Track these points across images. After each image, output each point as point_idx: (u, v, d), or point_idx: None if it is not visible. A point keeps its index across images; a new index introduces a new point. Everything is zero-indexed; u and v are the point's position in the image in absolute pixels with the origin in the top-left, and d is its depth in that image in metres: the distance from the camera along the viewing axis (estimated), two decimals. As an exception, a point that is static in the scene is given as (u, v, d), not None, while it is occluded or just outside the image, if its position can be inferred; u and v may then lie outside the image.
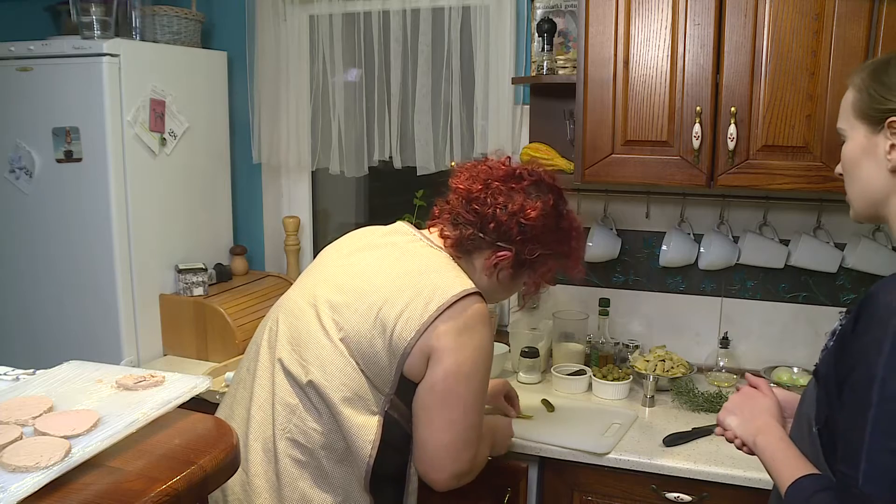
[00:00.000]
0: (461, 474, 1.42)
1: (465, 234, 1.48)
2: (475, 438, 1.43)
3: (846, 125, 1.13)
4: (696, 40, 1.86)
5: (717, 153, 1.89)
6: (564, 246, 1.53)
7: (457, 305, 1.37)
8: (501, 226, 1.46)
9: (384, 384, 1.39)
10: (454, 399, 1.37)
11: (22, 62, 2.28)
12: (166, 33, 2.47)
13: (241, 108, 2.72)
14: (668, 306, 2.32)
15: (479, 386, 1.41)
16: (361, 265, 1.48)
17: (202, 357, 2.41)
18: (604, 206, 2.32)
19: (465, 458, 1.41)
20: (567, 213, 1.55)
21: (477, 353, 1.39)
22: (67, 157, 2.26)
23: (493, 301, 1.58)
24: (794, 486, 1.05)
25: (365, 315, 1.39)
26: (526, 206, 1.46)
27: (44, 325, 2.40)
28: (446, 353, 1.35)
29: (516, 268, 1.50)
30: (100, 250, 2.28)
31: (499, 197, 1.46)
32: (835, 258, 2.09)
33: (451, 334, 1.36)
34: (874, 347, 0.96)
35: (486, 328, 1.42)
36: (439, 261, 1.46)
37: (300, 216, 2.80)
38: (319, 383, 1.38)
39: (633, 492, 1.76)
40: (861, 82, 1.10)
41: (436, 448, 1.39)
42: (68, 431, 0.88)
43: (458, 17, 2.39)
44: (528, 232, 1.46)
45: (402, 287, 1.39)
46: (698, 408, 1.98)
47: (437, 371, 1.36)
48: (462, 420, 1.38)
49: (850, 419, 0.99)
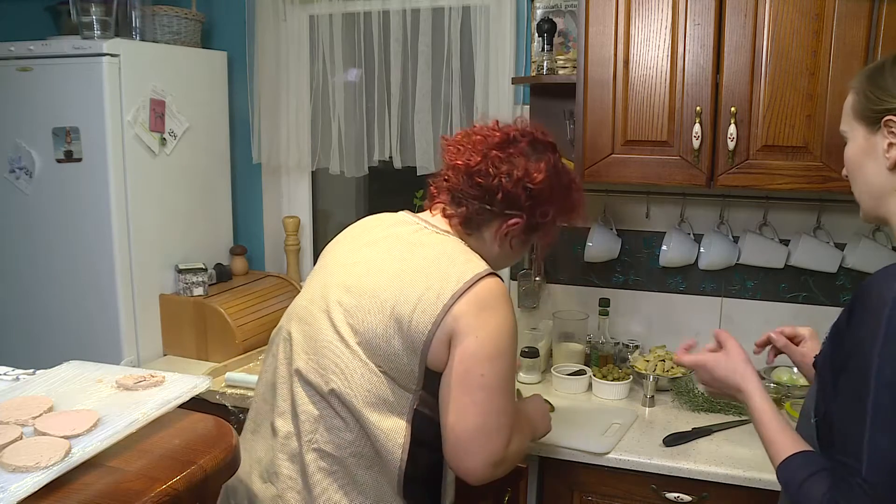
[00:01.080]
0: (495, 462, 1.34)
1: (472, 209, 1.43)
2: (506, 424, 1.34)
3: (847, 127, 1.17)
4: (696, 40, 1.86)
5: (717, 153, 1.89)
6: (568, 200, 1.50)
7: (476, 288, 1.32)
8: (509, 194, 1.41)
9: (409, 382, 1.34)
10: (477, 380, 1.30)
11: (22, 62, 2.28)
12: (166, 33, 2.48)
13: (241, 108, 2.72)
14: (668, 306, 2.32)
15: (504, 367, 1.33)
16: (368, 263, 1.42)
17: (202, 357, 2.41)
18: (604, 206, 2.32)
19: (497, 444, 1.33)
20: (564, 167, 1.52)
21: (499, 332, 1.33)
22: (67, 157, 2.26)
23: (501, 267, 1.52)
24: (785, 464, 1.07)
25: (378, 315, 1.34)
26: (531, 170, 1.41)
27: (44, 325, 2.40)
28: (466, 333, 1.30)
29: (528, 233, 1.47)
30: (100, 250, 2.28)
31: (501, 165, 1.41)
32: (835, 258, 2.09)
33: (470, 315, 1.31)
34: (869, 337, 0.97)
35: (507, 306, 1.36)
36: (447, 247, 1.41)
37: (300, 216, 2.80)
38: (341, 391, 1.34)
39: (633, 492, 1.76)
40: (859, 85, 1.14)
41: (463, 434, 1.31)
42: (68, 431, 0.88)
43: (458, 17, 2.39)
44: (537, 196, 1.42)
45: (413, 281, 1.35)
46: (698, 408, 1.98)
47: (457, 353, 1.31)
48: (488, 402, 1.31)
49: (848, 409, 1.01)
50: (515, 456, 1.43)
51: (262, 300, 2.51)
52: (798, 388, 2.01)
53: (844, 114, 1.17)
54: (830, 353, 1.08)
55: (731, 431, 1.86)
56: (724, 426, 1.87)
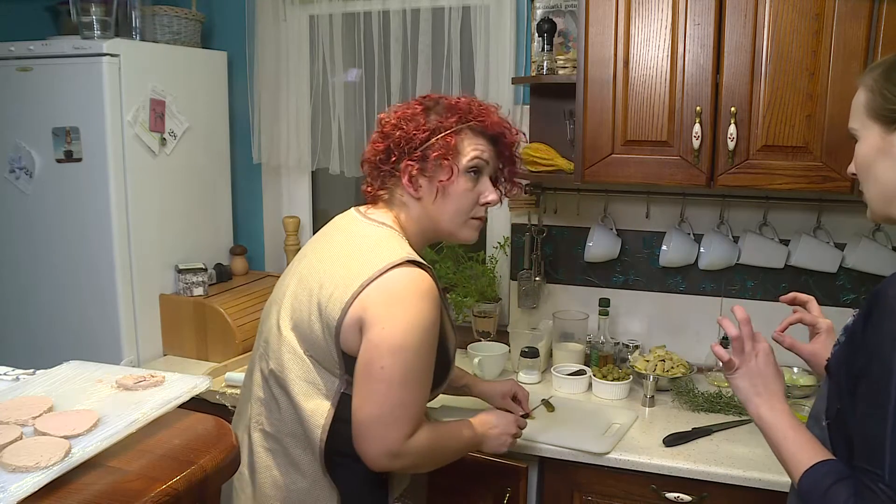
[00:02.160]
0: (392, 454, 1.35)
1: (378, 175, 1.49)
2: (406, 417, 1.35)
3: (859, 125, 1.14)
4: (696, 40, 1.86)
5: (717, 153, 1.89)
6: (452, 117, 1.45)
7: (387, 277, 1.35)
8: (388, 147, 1.46)
9: (333, 366, 1.40)
10: (377, 371, 1.32)
11: (22, 62, 2.28)
12: (166, 33, 2.48)
13: (241, 108, 2.72)
14: (668, 306, 2.32)
15: (410, 362, 1.34)
16: (312, 255, 1.51)
17: (202, 357, 2.41)
18: (604, 206, 2.32)
19: (393, 436, 1.34)
20: (445, 98, 1.51)
21: (409, 328, 1.33)
22: (67, 157, 2.26)
23: (458, 218, 1.48)
24: (810, 472, 1.05)
25: (306, 301, 1.42)
26: (391, 118, 1.48)
27: (44, 325, 2.40)
28: (373, 323, 1.33)
29: (426, 169, 1.44)
30: (100, 250, 2.28)
31: (394, 131, 1.47)
32: (835, 258, 2.09)
33: (379, 305, 1.33)
34: (888, 341, 0.96)
35: (424, 302, 1.35)
36: (374, 236, 1.45)
37: (300, 216, 2.80)
38: (277, 373, 1.44)
39: (633, 492, 1.76)
40: (874, 83, 1.11)
41: (360, 418, 1.34)
42: (68, 431, 0.88)
43: (458, 17, 2.39)
44: (400, 130, 1.45)
45: (334, 267, 1.41)
46: (698, 408, 1.98)
47: (364, 341, 1.34)
48: (386, 394, 1.33)
49: (868, 415, 0.99)
50: (425, 454, 1.42)
51: (262, 300, 2.48)
52: (798, 387, 2.01)
53: (855, 111, 1.14)
54: (846, 358, 1.06)
55: (731, 431, 1.86)
56: (724, 426, 1.87)
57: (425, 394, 1.42)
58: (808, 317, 1.42)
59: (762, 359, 1.21)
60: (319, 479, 1.42)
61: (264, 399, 1.47)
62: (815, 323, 1.41)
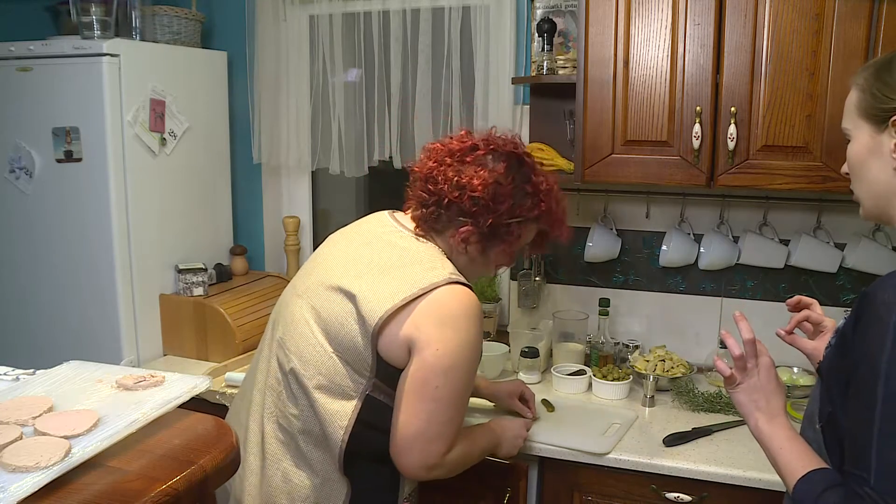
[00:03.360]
0: (430, 466, 1.41)
1: (427, 212, 1.49)
2: (449, 434, 1.41)
3: (851, 125, 1.13)
4: (696, 40, 1.86)
5: (717, 153, 1.89)
6: (534, 210, 1.50)
7: (437, 297, 1.37)
8: (453, 201, 1.45)
9: (363, 367, 1.40)
10: (430, 391, 1.36)
11: (22, 62, 2.27)
12: (166, 33, 2.47)
13: (241, 108, 2.72)
14: (668, 306, 2.32)
15: (459, 382, 1.39)
16: (345, 254, 1.51)
17: (202, 357, 2.41)
18: (604, 206, 2.32)
19: (435, 450, 1.40)
20: (532, 178, 1.51)
21: (460, 349, 1.38)
22: (67, 157, 2.26)
23: (475, 277, 1.57)
24: (803, 481, 1.05)
25: (340, 301, 1.42)
26: (473, 178, 1.45)
27: (44, 325, 2.40)
28: (428, 344, 1.36)
29: (484, 241, 1.49)
30: (100, 250, 2.28)
31: (449, 172, 1.46)
32: (835, 258, 2.09)
33: (431, 325, 1.36)
34: (877, 345, 0.96)
35: (473, 323, 1.40)
36: (415, 251, 1.47)
37: (300, 216, 2.80)
38: (298, 371, 1.43)
39: (633, 492, 1.76)
40: (864, 82, 1.10)
41: (406, 434, 1.38)
42: (68, 431, 0.88)
43: (458, 17, 2.39)
44: (480, 203, 1.44)
45: (376, 275, 1.42)
46: (698, 408, 1.98)
47: (416, 360, 1.37)
48: (435, 412, 1.38)
49: (856, 418, 1.00)
50: (456, 464, 1.48)
51: (262, 300, 2.51)
52: (798, 388, 2.01)
53: (847, 111, 1.14)
54: (837, 361, 1.06)
55: (731, 431, 1.86)
56: (724, 426, 1.87)
57: (466, 409, 1.47)
58: (814, 315, 1.42)
59: (764, 374, 1.21)
60: (330, 477, 1.43)
61: (281, 392, 1.47)
62: (820, 322, 1.41)
